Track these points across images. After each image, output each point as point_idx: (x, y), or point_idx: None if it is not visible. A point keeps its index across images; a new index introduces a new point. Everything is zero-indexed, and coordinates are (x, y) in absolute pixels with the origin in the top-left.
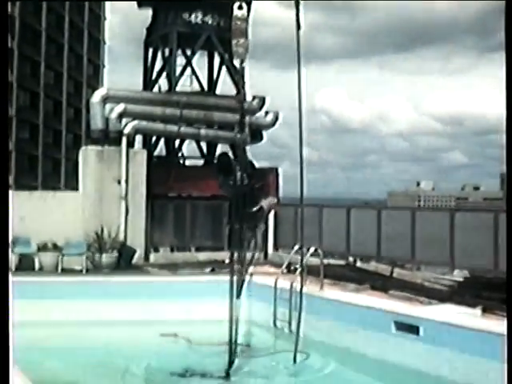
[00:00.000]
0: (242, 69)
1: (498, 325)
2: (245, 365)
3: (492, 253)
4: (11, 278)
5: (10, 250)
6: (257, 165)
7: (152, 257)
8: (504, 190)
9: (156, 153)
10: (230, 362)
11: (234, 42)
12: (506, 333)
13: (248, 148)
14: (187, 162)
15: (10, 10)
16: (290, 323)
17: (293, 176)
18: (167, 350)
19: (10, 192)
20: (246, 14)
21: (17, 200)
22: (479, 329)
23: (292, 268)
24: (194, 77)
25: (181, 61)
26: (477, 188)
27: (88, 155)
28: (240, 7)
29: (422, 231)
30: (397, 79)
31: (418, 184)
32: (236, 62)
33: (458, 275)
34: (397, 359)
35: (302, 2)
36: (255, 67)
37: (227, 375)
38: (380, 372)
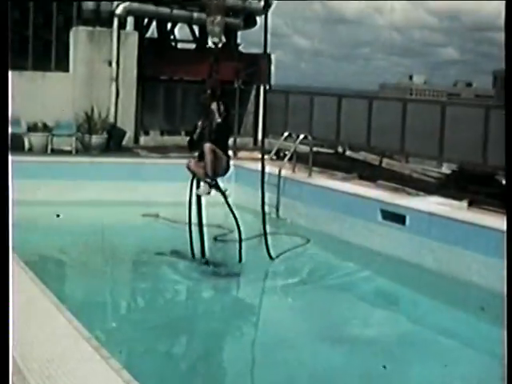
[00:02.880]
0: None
1: (484, 218)
2: (230, 248)
3: (481, 148)
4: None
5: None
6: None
7: (142, 139)
8: (496, 88)
9: (148, 35)
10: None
11: (209, 19)
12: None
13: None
14: (179, 46)
15: None
16: (277, 208)
17: (285, 64)
18: (151, 230)
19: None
20: None
21: None
22: (465, 221)
23: (281, 154)
24: None
25: None
26: (469, 84)
27: (79, 36)
28: None
29: (412, 123)
30: None
31: (411, 78)
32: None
33: (447, 168)
34: (381, 248)
35: None
36: None
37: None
38: (364, 259)
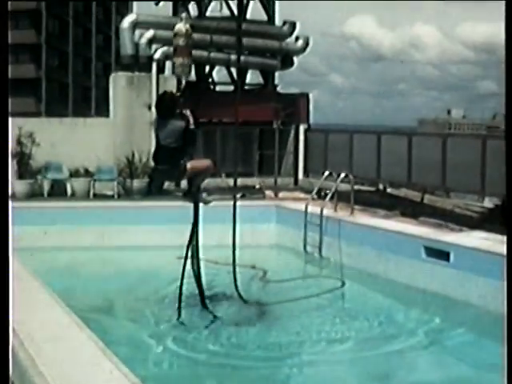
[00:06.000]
0: None
1: None
2: (275, 289)
3: None
4: (43, 204)
5: (42, 176)
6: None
7: (183, 183)
8: None
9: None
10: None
11: (174, 59)
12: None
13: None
14: (217, 88)
15: None
16: (320, 248)
17: (323, 103)
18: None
19: (40, 120)
20: (189, 28)
21: (48, 127)
22: None
23: (322, 194)
24: (223, 2)
25: None
26: None
27: (118, 81)
28: (182, 19)
29: (453, 158)
30: (428, 6)
31: (449, 112)
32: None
33: (489, 202)
34: (427, 285)
35: None
36: None
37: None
38: (409, 298)
